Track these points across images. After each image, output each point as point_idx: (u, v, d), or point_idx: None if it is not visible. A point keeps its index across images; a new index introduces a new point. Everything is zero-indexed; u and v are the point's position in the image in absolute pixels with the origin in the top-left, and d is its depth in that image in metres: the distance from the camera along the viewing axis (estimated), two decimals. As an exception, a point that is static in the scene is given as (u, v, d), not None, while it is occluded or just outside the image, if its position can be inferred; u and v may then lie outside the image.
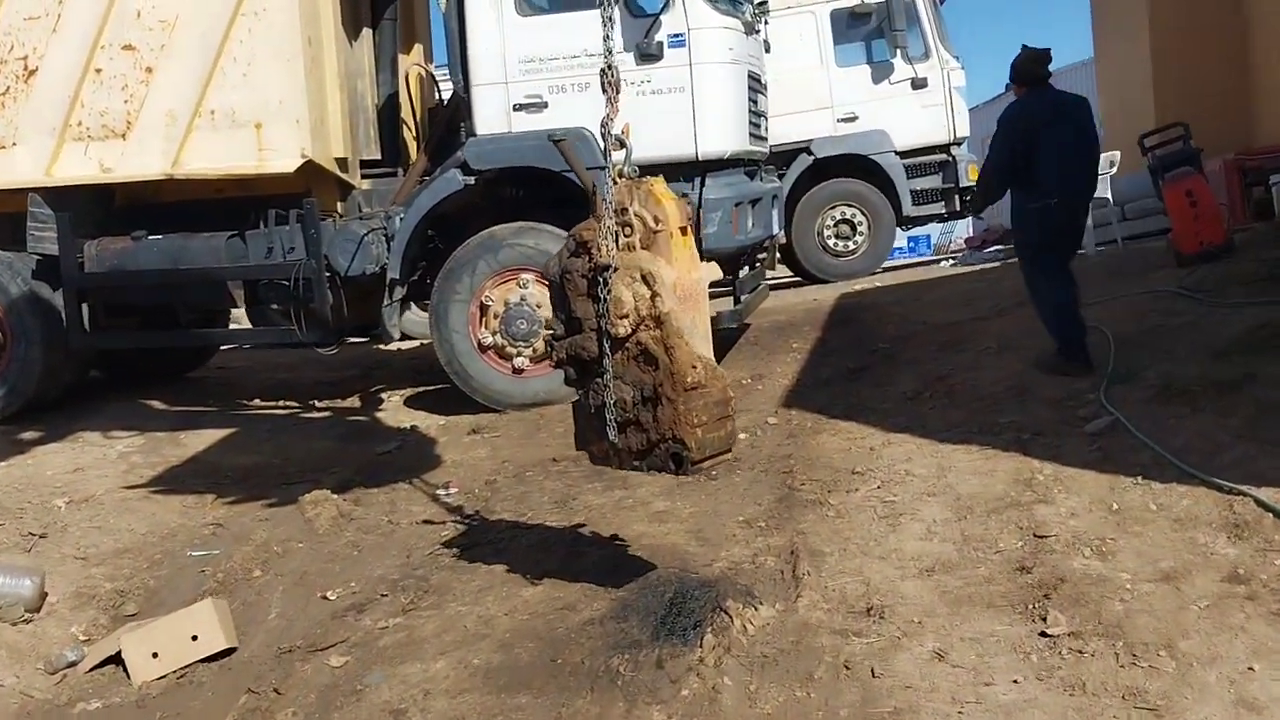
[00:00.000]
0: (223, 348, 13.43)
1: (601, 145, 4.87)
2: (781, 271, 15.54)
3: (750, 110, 10.13)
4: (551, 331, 4.94)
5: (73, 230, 10.35)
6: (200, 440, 9.76)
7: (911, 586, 5.13)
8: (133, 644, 5.39)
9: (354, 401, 11.04)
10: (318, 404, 10.99)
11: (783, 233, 13.12)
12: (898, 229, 17.01)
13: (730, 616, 4.93)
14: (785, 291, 14.77)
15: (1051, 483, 6.02)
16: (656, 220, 4.76)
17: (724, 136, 9.67)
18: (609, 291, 4.67)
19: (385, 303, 9.96)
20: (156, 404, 11.16)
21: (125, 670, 5.58)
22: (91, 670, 5.65)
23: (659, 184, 4.87)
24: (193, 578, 6.64)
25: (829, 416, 8.21)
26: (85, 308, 10.41)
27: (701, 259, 5.60)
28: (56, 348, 10.39)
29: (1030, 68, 8.05)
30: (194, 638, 5.43)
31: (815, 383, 9.27)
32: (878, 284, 14.46)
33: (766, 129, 11.21)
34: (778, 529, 6.11)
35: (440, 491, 7.83)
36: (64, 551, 6.92)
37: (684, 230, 4.86)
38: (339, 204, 10.61)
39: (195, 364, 12.66)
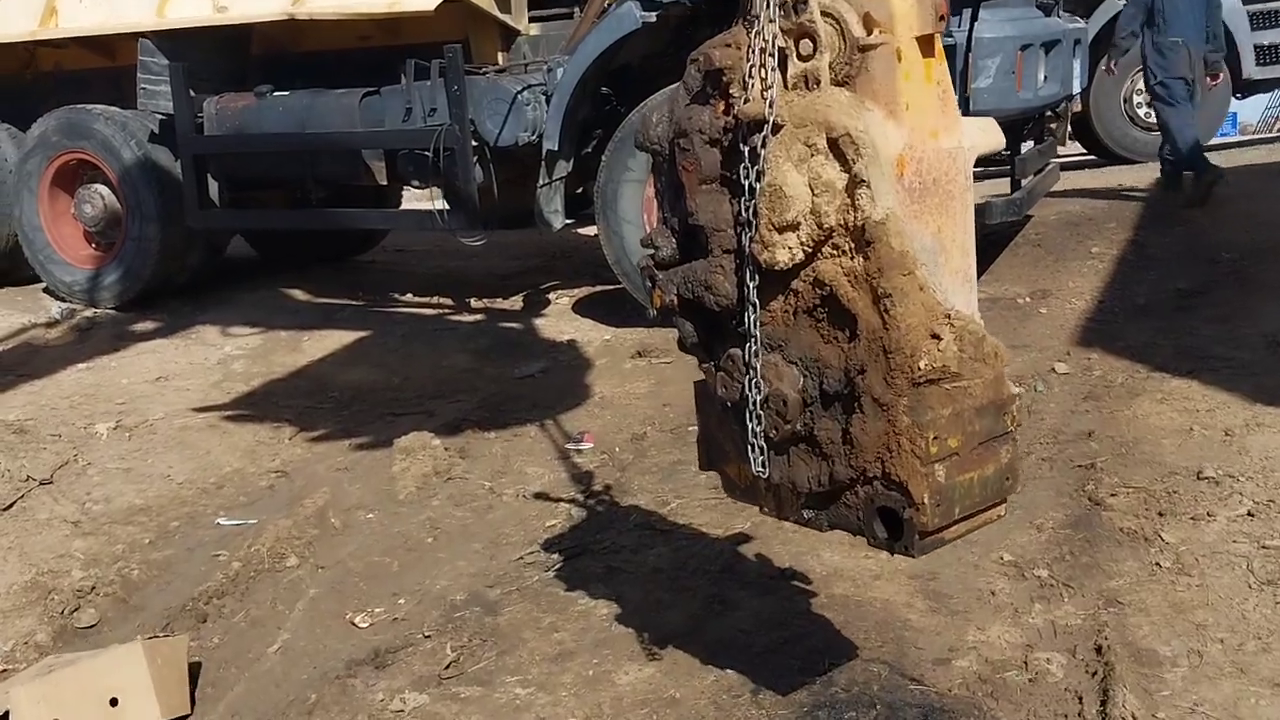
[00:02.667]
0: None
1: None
2: (1073, 148, 12.24)
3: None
4: (653, 251, 2.55)
5: (193, 85, 8.61)
6: (321, 345, 7.96)
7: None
8: (27, 703, 3.50)
9: (516, 302, 8.98)
10: (474, 303, 8.99)
11: (1079, 95, 9.86)
12: (1233, 96, 13.28)
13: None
14: (1079, 173, 11.34)
15: None
16: (869, 24, 2.24)
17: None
18: (761, 175, 2.25)
19: (542, 182, 7.73)
20: (299, 294, 9.47)
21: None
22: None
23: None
24: (202, 564, 4.76)
25: (1151, 368, 5.47)
26: (208, 179, 8.71)
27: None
28: (177, 224, 8.76)
29: None
30: (113, 702, 3.49)
31: (1127, 310, 6.45)
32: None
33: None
34: (1070, 587, 3.61)
35: (571, 446, 5.67)
36: (57, 510, 5.20)
37: (927, 46, 2.31)
38: (500, 54, 8.42)
39: (362, 247, 10.90)
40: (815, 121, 2.22)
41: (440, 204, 7.91)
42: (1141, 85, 12.16)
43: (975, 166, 2.43)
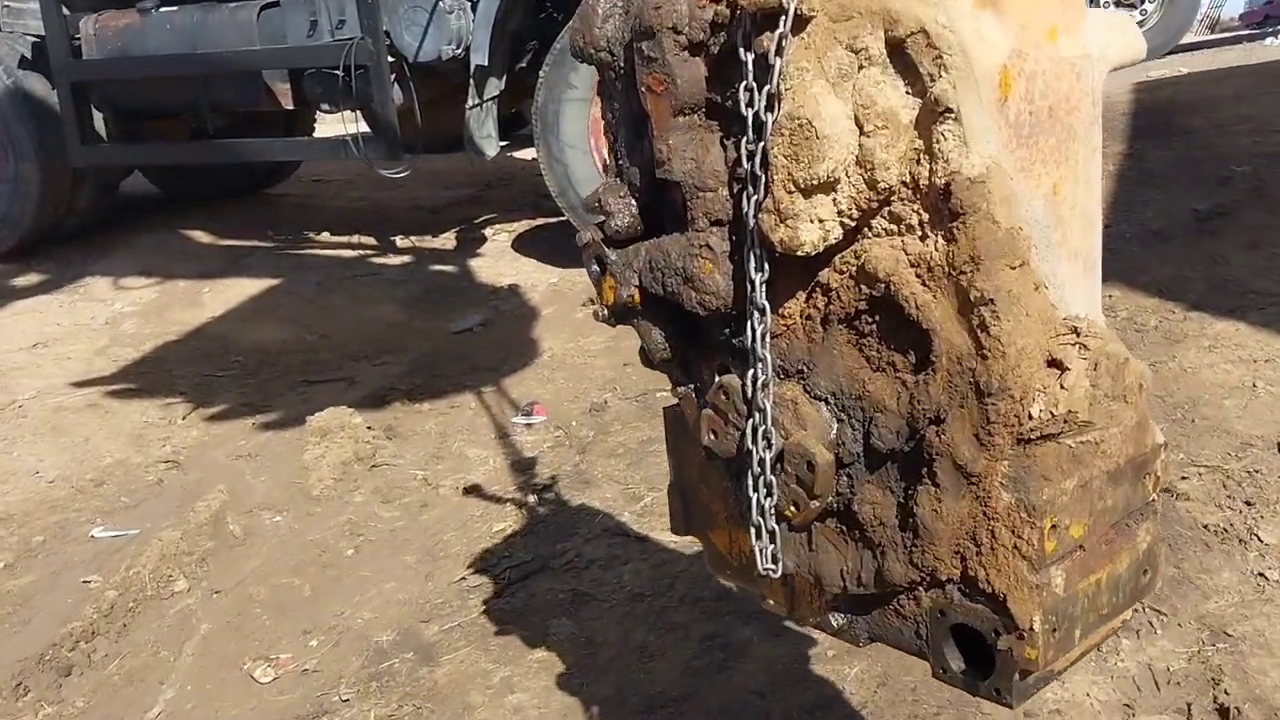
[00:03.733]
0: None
1: None
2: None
3: None
4: (602, 219, 1.67)
5: (68, 2, 7.51)
6: (224, 297, 7.02)
7: None
8: None
9: (448, 240, 8.05)
10: (400, 242, 8.05)
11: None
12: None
13: None
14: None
15: None
16: None
17: None
18: (775, 102, 1.38)
19: (471, 103, 6.77)
20: (202, 236, 8.47)
21: None
22: None
23: None
24: (70, 594, 3.89)
25: (1186, 306, 4.72)
26: (90, 110, 7.63)
27: None
28: (58, 163, 7.69)
29: None
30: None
31: (1141, 236, 5.67)
32: (1183, 70, 10.32)
33: None
34: (1162, 613, 2.87)
35: (519, 420, 4.83)
36: (-114, 527, 4.28)
37: None
38: (419, -44, 7.38)
39: (274, 179, 9.84)
40: (866, 9, 1.36)
41: (355, 129, 6.92)
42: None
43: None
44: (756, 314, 1.51)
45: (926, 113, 1.34)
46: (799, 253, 1.43)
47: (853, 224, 1.43)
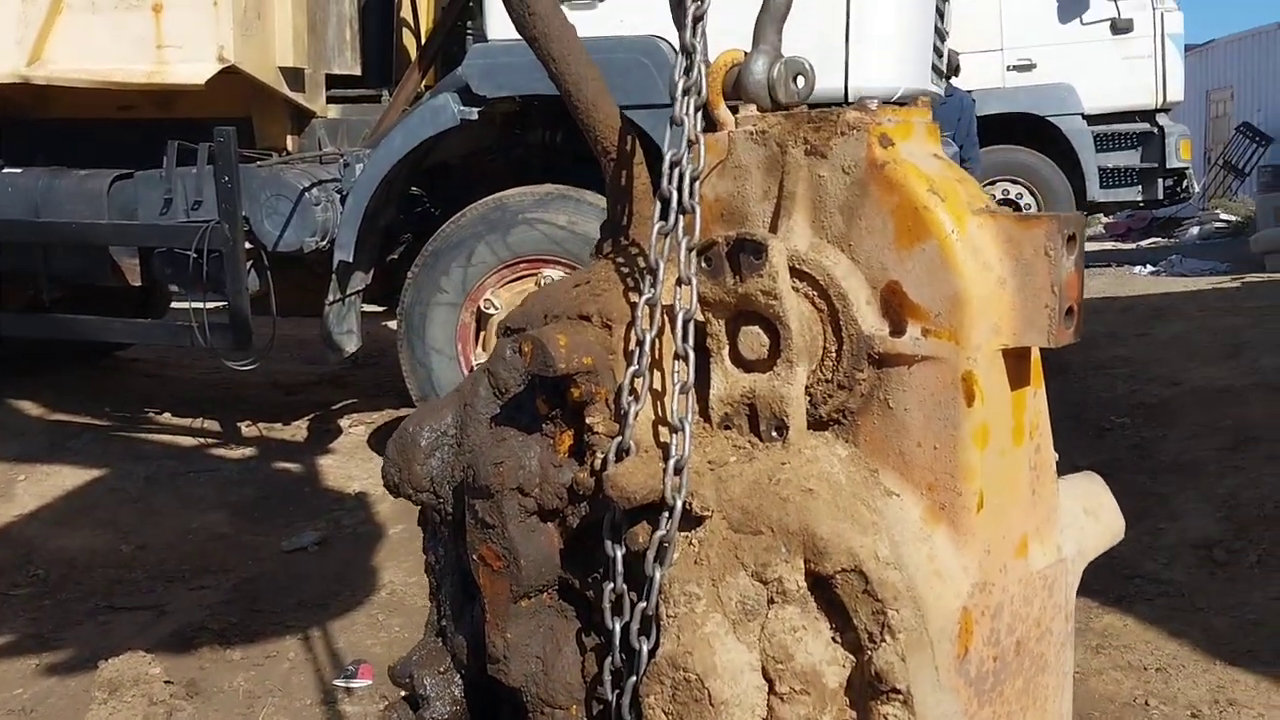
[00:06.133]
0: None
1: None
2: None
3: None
4: (409, 696, 1.24)
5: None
6: (39, 489, 6.30)
7: None
8: None
9: (299, 429, 7.49)
10: (246, 428, 7.45)
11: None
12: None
13: None
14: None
15: None
16: (899, 310, 1.04)
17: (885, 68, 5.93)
18: (651, 630, 0.98)
19: (331, 298, 6.34)
20: (30, 409, 7.73)
21: None
22: None
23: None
24: None
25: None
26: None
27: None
28: None
29: None
30: None
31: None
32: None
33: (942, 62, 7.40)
34: None
35: (340, 682, 4.25)
36: None
37: (1020, 370, 1.09)
38: (291, 138, 7.05)
39: (124, 343, 9.14)
40: (779, 525, 0.99)
41: (203, 316, 6.40)
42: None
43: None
44: None
45: (864, 684, 0.97)
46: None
47: None
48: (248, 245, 6.27)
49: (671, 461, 1.01)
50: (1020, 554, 1.09)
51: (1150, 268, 13.08)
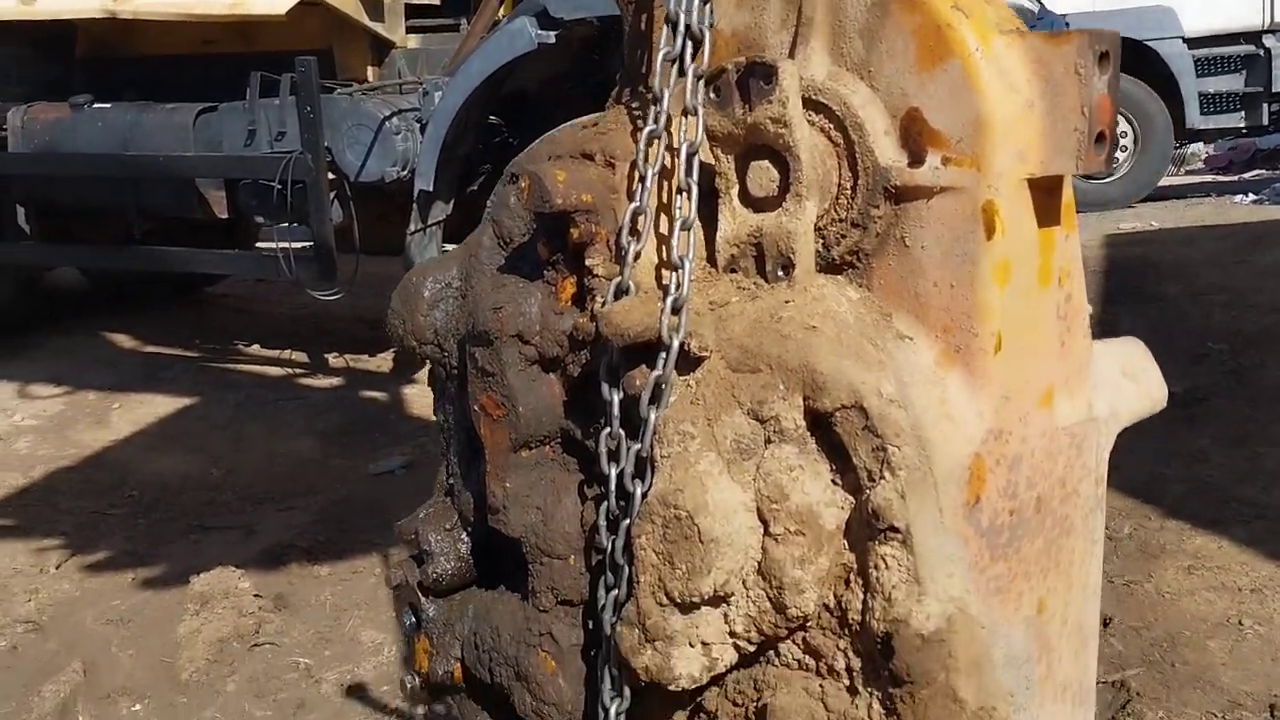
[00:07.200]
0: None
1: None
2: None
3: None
4: (417, 552, 1.22)
5: (-3, 89, 7.14)
6: (132, 416, 6.51)
7: None
8: None
9: (385, 360, 7.59)
10: (334, 359, 7.58)
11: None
12: (1173, 145, 12.58)
13: None
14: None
15: None
16: (919, 138, 0.96)
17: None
18: (645, 471, 0.93)
19: (412, 228, 6.37)
20: (124, 341, 7.98)
21: None
22: None
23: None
24: None
25: (1163, 512, 4.37)
26: (14, 205, 7.19)
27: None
28: (-32, 259, 7.22)
29: None
30: None
31: (1114, 421, 5.28)
32: (1154, 224, 10.16)
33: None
34: None
35: (421, 599, 4.31)
36: None
37: (1049, 203, 1.02)
38: (371, 69, 7.08)
39: (214, 278, 9.35)
40: (778, 362, 0.94)
41: (288, 247, 6.49)
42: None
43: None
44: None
45: (862, 524, 0.92)
46: (671, 686, 0.99)
47: (752, 648, 1.00)
48: (330, 176, 6.32)
49: (669, 300, 0.97)
50: (1044, 406, 1.02)
51: (1252, 196, 12.49)
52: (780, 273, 1.00)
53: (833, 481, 0.94)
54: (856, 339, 0.93)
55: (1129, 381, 1.15)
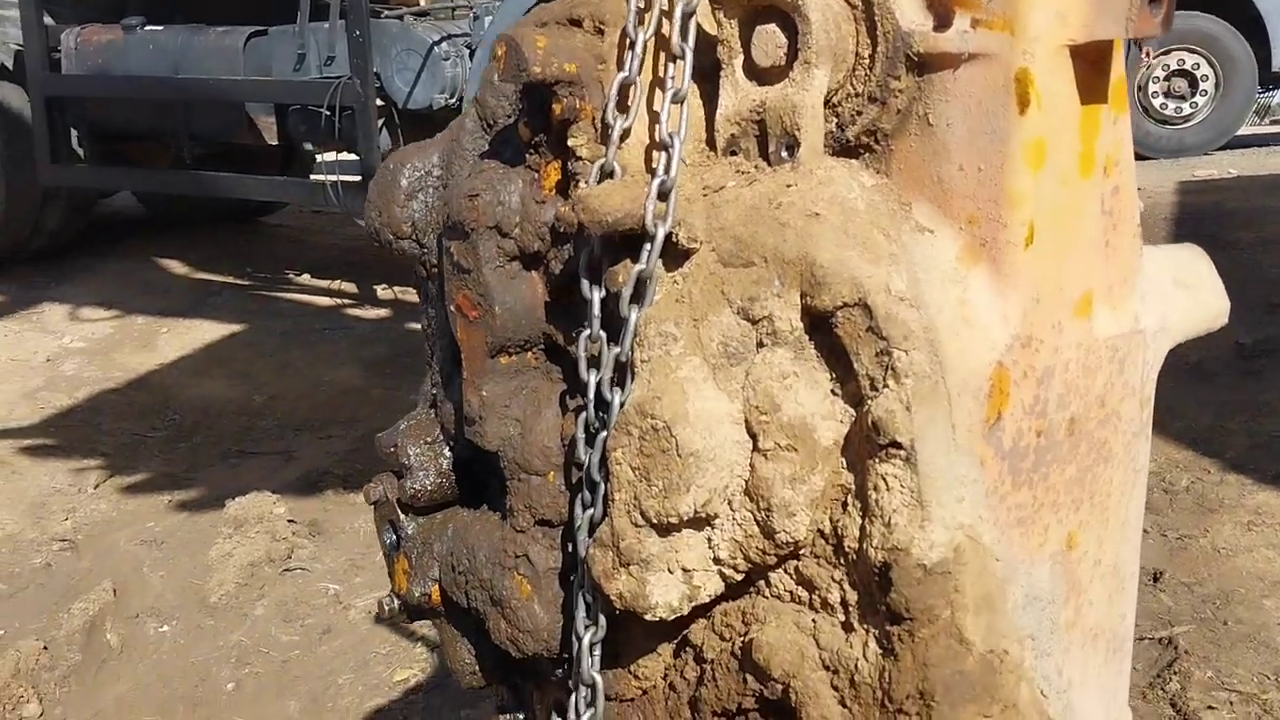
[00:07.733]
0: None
1: None
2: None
3: None
4: (397, 468, 1.13)
5: (52, 12, 7.11)
6: (179, 341, 6.52)
7: None
8: None
9: (432, 293, 7.52)
10: (381, 291, 7.55)
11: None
12: (1258, 89, 12.02)
13: None
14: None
15: None
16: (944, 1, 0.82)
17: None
18: (625, 376, 0.82)
19: (459, 156, 6.25)
20: (175, 266, 8.00)
21: None
22: None
23: None
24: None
25: (1224, 465, 4.16)
26: (67, 127, 7.19)
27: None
28: (27, 179, 7.24)
29: None
30: None
31: (1176, 370, 5.07)
32: (1232, 171, 9.76)
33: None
34: None
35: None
36: None
37: (1094, 74, 0.88)
38: (424, -6, 6.97)
39: (269, 208, 9.36)
40: (774, 255, 0.82)
41: (336, 174, 6.43)
42: (1159, 72, 10.95)
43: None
44: (583, 688, 0.96)
45: (862, 439, 0.80)
46: (647, 615, 0.88)
47: (739, 577, 0.89)
48: (379, 103, 6.23)
49: (655, 183, 0.85)
50: (1082, 313, 0.89)
51: (1339, 143, 11.99)
52: (784, 153, 0.88)
53: (832, 392, 0.82)
54: (866, 229, 0.80)
55: (1183, 291, 1.01)
